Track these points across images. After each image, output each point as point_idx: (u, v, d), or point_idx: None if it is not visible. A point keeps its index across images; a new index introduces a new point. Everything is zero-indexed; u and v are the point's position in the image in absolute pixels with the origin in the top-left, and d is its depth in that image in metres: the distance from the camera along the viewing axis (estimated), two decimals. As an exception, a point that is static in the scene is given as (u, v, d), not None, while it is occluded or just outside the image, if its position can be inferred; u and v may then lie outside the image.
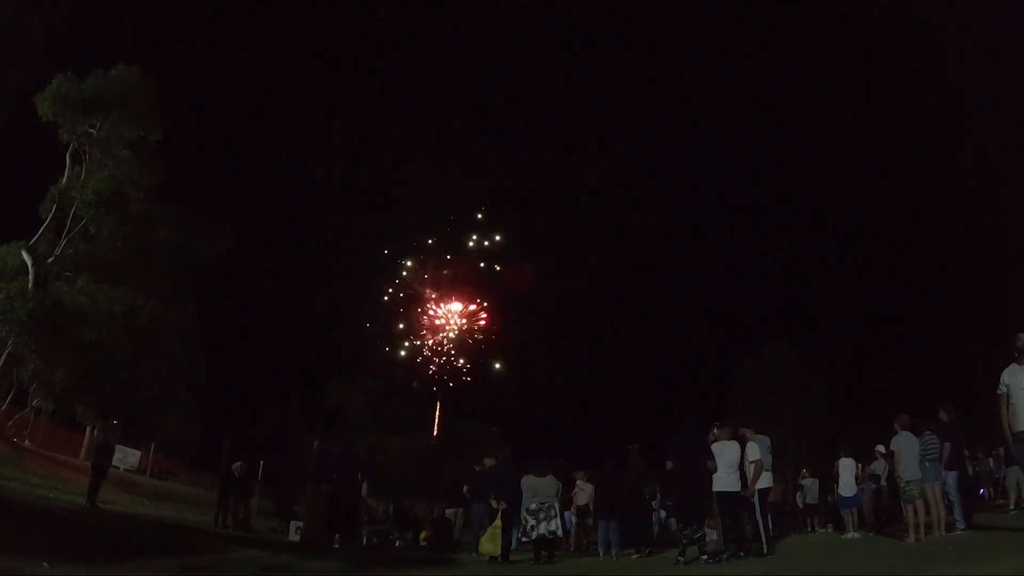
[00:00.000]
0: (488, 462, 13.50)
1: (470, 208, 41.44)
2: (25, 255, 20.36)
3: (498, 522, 10.84)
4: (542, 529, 10.69)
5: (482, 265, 40.01)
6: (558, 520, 10.99)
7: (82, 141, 21.63)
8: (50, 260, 21.02)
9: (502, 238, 40.57)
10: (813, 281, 52.90)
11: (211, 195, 36.23)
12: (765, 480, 10.18)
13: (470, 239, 40.56)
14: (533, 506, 10.80)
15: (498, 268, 39.94)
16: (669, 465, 9.85)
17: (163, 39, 46.39)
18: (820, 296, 51.82)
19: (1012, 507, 11.85)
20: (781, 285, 53.26)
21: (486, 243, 40.10)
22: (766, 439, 10.49)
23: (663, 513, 16.04)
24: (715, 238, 60.29)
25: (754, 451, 10.09)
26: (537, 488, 10.96)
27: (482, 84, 68.78)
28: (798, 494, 17.03)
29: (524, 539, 10.98)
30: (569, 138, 64.63)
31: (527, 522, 10.81)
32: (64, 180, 21.38)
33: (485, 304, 39.63)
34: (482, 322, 39.30)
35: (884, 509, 13.76)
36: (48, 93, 20.45)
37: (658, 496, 15.34)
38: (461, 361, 38.72)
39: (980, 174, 45.34)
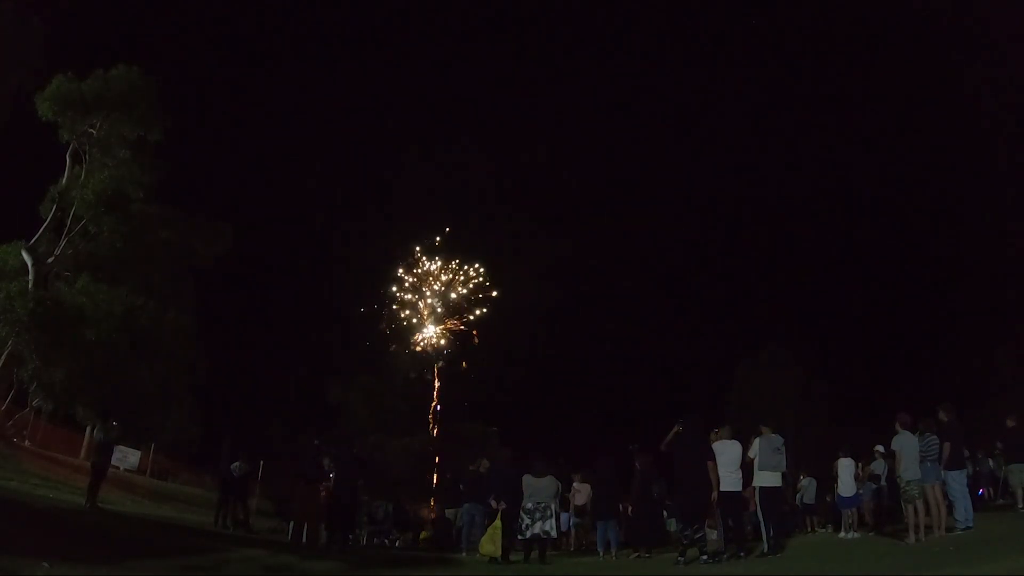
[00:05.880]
0: (483, 462, 13.54)
1: (469, 207, 41.56)
2: (25, 255, 20.35)
3: (498, 522, 10.87)
4: (536, 529, 10.76)
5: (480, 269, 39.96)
6: (553, 521, 11.03)
7: (82, 141, 21.63)
8: (50, 260, 21.01)
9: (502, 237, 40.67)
10: (813, 282, 52.82)
11: (211, 195, 36.29)
12: (772, 479, 10.14)
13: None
14: (530, 505, 10.87)
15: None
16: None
17: (163, 39, 46.35)
18: (820, 297, 51.76)
19: (1021, 506, 11.83)
20: (781, 286, 53.23)
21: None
22: (778, 438, 10.30)
23: (664, 513, 16.04)
24: (713, 237, 60.22)
25: (752, 449, 10.11)
26: (535, 488, 11.00)
27: (480, 84, 68.79)
28: (797, 495, 17.01)
29: (520, 537, 11.02)
30: (571, 138, 64.60)
31: (522, 521, 10.87)
32: (64, 180, 21.37)
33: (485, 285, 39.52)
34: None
35: (884, 509, 13.76)
36: (48, 93, 20.43)
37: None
38: (463, 322, 38.62)
39: (979, 172, 45.32)
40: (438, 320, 39.60)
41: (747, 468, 10.11)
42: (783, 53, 62.83)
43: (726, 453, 9.71)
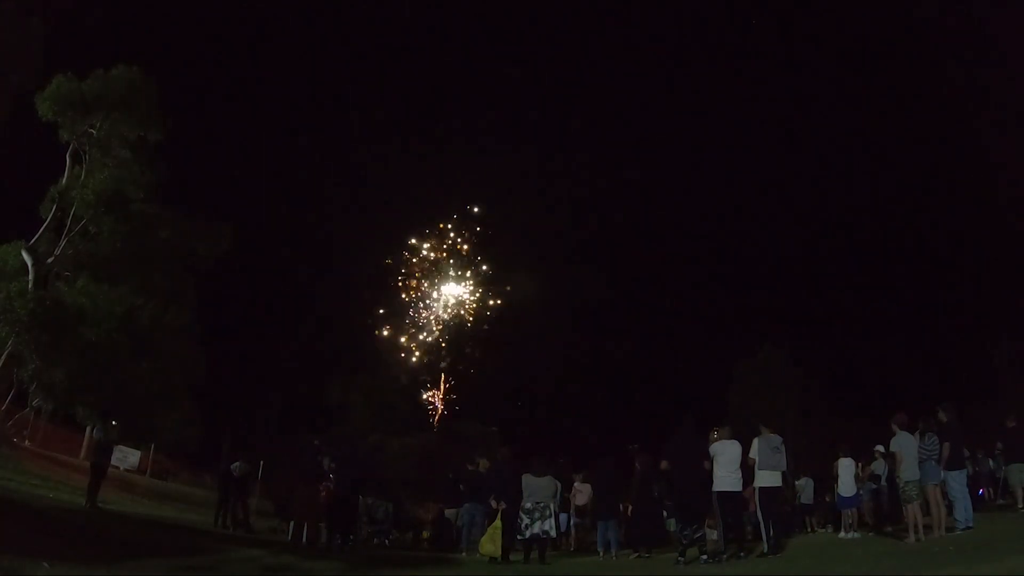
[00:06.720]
0: (482, 462, 13.54)
1: (469, 207, 41.66)
2: (25, 255, 20.34)
3: (498, 522, 10.88)
4: (536, 528, 10.77)
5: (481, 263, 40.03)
6: (552, 520, 11.04)
7: (82, 141, 21.59)
8: (50, 260, 20.99)
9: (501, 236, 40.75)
10: (813, 282, 52.88)
11: (211, 195, 36.27)
12: (771, 479, 10.13)
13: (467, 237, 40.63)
14: (529, 505, 10.88)
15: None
16: (664, 465, 9.96)
17: (163, 39, 46.34)
18: (819, 297, 51.82)
19: (1021, 506, 11.82)
20: (780, 286, 53.26)
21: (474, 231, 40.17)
22: (776, 438, 10.27)
23: (664, 513, 16.03)
24: (712, 237, 60.22)
25: (752, 450, 10.11)
26: (534, 488, 11.01)
27: (481, 82, 68.77)
28: (798, 495, 17.01)
29: (519, 537, 11.03)
30: (568, 141, 64.65)
31: (522, 520, 10.88)
32: (64, 180, 21.34)
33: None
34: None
35: (884, 509, 13.76)
36: (48, 93, 20.39)
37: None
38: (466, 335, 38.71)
39: (978, 172, 45.28)
40: (439, 319, 39.65)
41: (747, 468, 10.11)
42: (781, 55, 62.86)
43: (726, 453, 9.70)
